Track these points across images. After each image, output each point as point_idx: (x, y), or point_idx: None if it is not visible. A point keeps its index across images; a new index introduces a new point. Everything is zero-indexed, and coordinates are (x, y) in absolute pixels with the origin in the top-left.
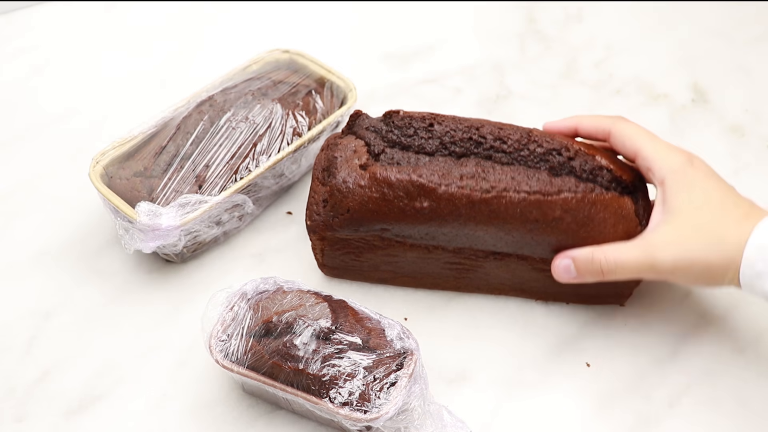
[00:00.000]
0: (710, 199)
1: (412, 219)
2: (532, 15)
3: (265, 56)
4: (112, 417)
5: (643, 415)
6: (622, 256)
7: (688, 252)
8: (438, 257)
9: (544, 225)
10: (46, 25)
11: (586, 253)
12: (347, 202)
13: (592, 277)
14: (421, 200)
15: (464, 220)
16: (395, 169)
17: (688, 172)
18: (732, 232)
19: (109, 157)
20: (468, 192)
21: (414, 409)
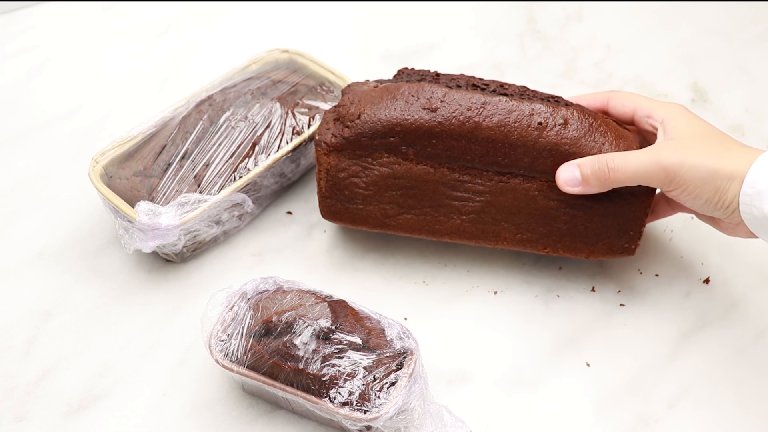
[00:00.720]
0: (711, 131)
1: (424, 122)
2: (532, 15)
3: (264, 56)
4: (112, 417)
5: (643, 415)
6: (628, 156)
7: (695, 155)
8: (444, 180)
9: (550, 129)
10: (46, 25)
11: (592, 157)
12: (358, 108)
13: (597, 181)
14: (432, 101)
15: (474, 123)
16: (406, 82)
17: (686, 112)
18: (736, 150)
19: (109, 156)
20: (479, 94)
21: (414, 409)
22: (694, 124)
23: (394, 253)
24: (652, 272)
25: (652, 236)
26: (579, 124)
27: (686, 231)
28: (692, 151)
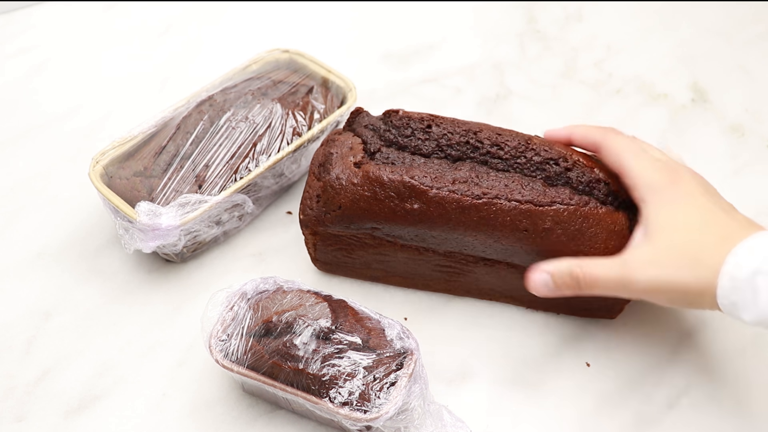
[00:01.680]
0: (690, 220)
1: (402, 220)
2: (532, 15)
3: (265, 56)
4: (112, 417)
5: (643, 415)
6: (600, 272)
7: (663, 273)
8: (428, 259)
9: (534, 235)
10: (46, 25)
11: (564, 267)
12: (339, 199)
13: (569, 291)
14: (412, 202)
15: (454, 225)
16: (389, 169)
17: (668, 191)
18: (708, 255)
19: (109, 156)
20: (459, 197)
21: (414, 408)
22: (673, 213)
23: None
24: None
25: None
26: (564, 229)
27: None
28: (660, 268)
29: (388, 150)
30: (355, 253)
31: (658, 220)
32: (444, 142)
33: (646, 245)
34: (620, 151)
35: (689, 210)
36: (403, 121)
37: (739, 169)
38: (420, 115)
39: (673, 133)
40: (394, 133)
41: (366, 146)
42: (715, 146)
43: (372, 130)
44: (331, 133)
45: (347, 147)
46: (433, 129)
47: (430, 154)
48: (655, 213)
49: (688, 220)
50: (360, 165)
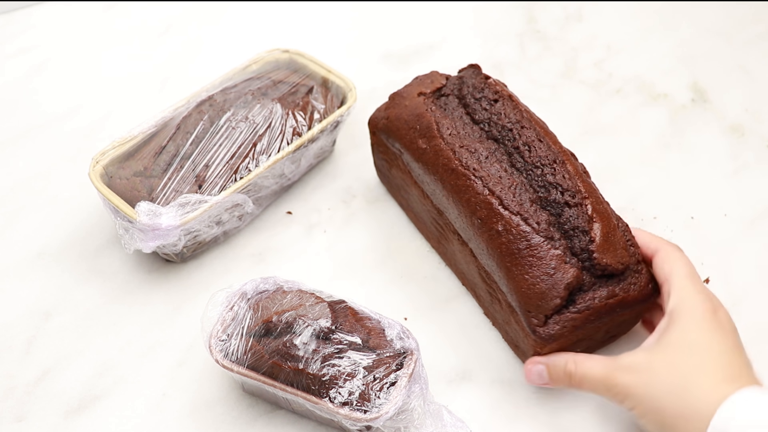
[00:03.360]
0: (703, 349)
1: (412, 152)
2: (532, 15)
3: (265, 56)
4: (112, 417)
5: None
6: (589, 371)
7: (647, 387)
8: (428, 208)
9: (484, 229)
10: (46, 25)
11: (560, 361)
12: (391, 111)
13: (562, 384)
14: (423, 141)
15: (437, 178)
16: (433, 108)
17: (697, 316)
18: (706, 391)
19: (109, 156)
20: (452, 157)
21: (414, 408)
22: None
23: (394, 254)
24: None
25: None
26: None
27: (686, 231)
28: (647, 383)
29: (454, 100)
30: (392, 171)
31: (672, 338)
32: (494, 120)
33: (645, 355)
34: (676, 260)
35: (707, 341)
36: (482, 85)
37: (739, 169)
38: (497, 89)
39: (673, 133)
40: (469, 90)
41: (443, 88)
42: (715, 146)
43: (461, 80)
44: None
45: (430, 80)
46: (496, 105)
47: (478, 122)
48: (673, 331)
49: (701, 349)
50: (421, 95)
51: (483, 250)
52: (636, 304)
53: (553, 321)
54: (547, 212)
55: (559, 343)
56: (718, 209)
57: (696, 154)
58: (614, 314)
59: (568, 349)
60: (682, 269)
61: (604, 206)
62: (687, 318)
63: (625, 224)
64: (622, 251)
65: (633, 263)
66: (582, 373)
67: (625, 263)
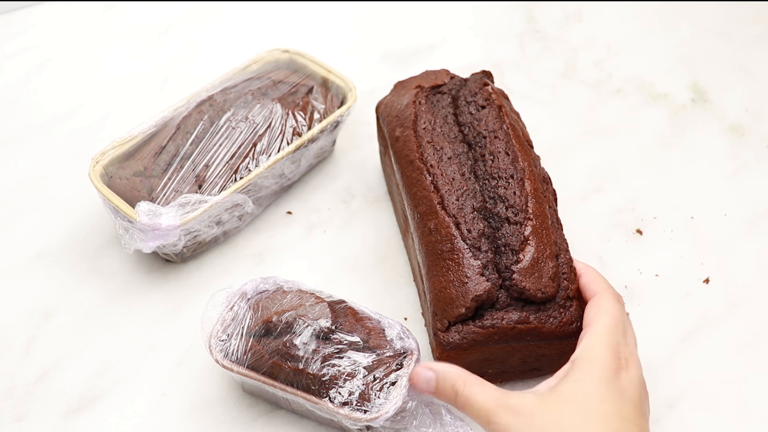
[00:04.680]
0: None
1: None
2: (532, 15)
3: (265, 56)
4: (112, 417)
5: None
6: (474, 396)
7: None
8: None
9: (421, 224)
10: (46, 25)
11: (451, 375)
12: (388, 98)
13: (446, 399)
14: (399, 129)
15: (399, 168)
16: (421, 102)
17: (599, 373)
18: None
19: (109, 156)
20: (413, 149)
21: (414, 408)
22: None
23: (394, 253)
24: (652, 272)
25: (653, 236)
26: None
27: (686, 231)
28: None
29: (447, 98)
30: (385, 158)
31: (568, 387)
32: (474, 125)
33: (534, 399)
34: (606, 309)
35: (600, 401)
36: (477, 90)
37: (739, 169)
38: (490, 96)
39: (673, 134)
40: (465, 92)
41: (442, 86)
42: (715, 146)
43: (462, 81)
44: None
45: (434, 76)
46: (482, 111)
47: (461, 125)
48: (570, 381)
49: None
50: (417, 88)
51: (416, 245)
52: (552, 339)
53: (455, 329)
54: (486, 224)
55: (459, 355)
56: (718, 209)
57: (696, 154)
58: (524, 341)
59: (472, 367)
60: (605, 319)
61: (547, 233)
62: (586, 370)
63: (569, 258)
64: (548, 281)
65: (560, 297)
66: (467, 397)
67: (547, 293)
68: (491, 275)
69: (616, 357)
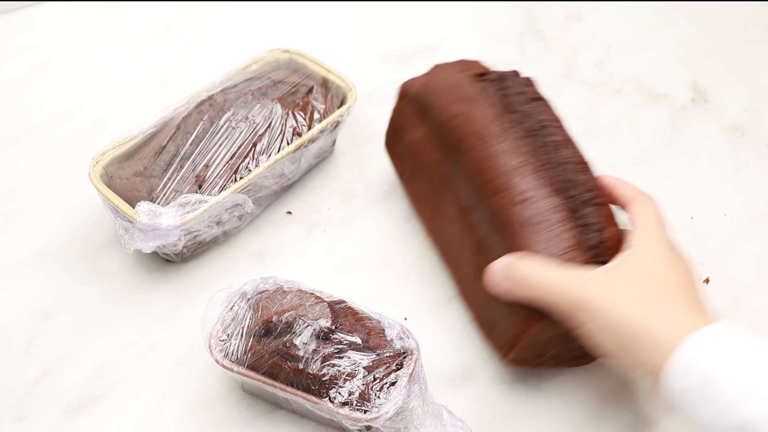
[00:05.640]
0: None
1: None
2: (532, 14)
3: (265, 56)
4: (111, 417)
5: (643, 415)
6: (543, 272)
7: (608, 300)
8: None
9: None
10: (46, 25)
11: (508, 260)
12: (428, 78)
13: (506, 285)
14: (457, 106)
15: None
16: (473, 84)
17: (662, 251)
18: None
19: (109, 156)
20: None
21: (414, 408)
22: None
23: (394, 253)
24: None
25: None
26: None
27: (686, 231)
28: (613, 292)
29: (493, 85)
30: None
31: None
32: (529, 112)
33: (606, 271)
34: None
35: (673, 274)
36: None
37: (739, 169)
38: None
39: (673, 134)
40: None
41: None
42: (715, 146)
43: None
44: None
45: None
46: (533, 103)
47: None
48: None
49: (667, 279)
50: (462, 72)
51: (493, 220)
52: None
53: None
54: (565, 204)
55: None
56: (718, 209)
57: (696, 154)
58: None
59: (537, 344)
60: (649, 215)
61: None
62: (649, 249)
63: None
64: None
65: None
66: (532, 277)
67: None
68: (585, 253)
69: (669, 240)
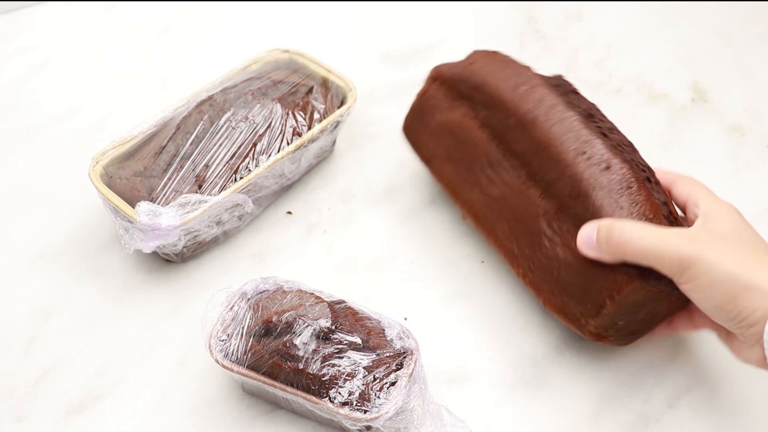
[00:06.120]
0: (753, 239)
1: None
2: (531, 14)
3: (265, 56)
4: (112, 417)
5: (643, 415)
6: (646, 230)
7: (719, 252)
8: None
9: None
10: (46, 25)
11: (611, 220)
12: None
13: (607, 246)
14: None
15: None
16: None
17: (736, 214)
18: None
19: (109, 156)
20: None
21: (414, 408)
22: (737, 226)
23: (394, 253)
24: None
25: None
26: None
27: None
28: (717, 249)
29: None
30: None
31: (720, 222)
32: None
33: (701, 229)
34: (695, 183)
35: (750, 233)
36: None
37: (739, 169)
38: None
39: (673, 133)
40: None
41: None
42: (715, 146)
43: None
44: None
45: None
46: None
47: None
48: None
49: (751, 238)
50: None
51: (574, 187)
52: None
53: None
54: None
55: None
56: None
57: (696, 154)
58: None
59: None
60: (700, 187)
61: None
62: (725, 215)
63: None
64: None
65: None
66: (638, 237)
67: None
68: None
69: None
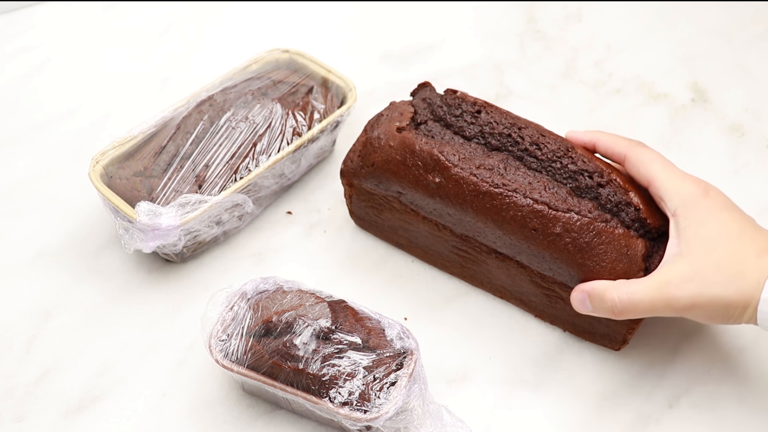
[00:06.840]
0: (726, 232)
1: (423, 189)
2: (532, 14)
3: (265, 56)
4: (112, 417)
5: (643, 415)
6: (636, 296)
7: (707, 289)
8: (446, 238)
9: (542, 237)
10: (46, 25)
11: (599, 290)
12: (374, 157)
13: (604, 314)
14: (434, 175)
15: (467, 206)
16: (423, 140)
17: (701, 202)
18: (751, 268)
19: (109, 156)
20: (478, 180)
21: (414, 408)
22: (708, 226)
23: (394, 254)
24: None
25: None
26: (573, 239)
27: None
28: (703, 284)
29: (435, 125)
30: (383, 215)
31: (691, 232)
32: (487, 130)
33: (683, 260)
34: (648, 162)
35: (724, 222)
36: (456, 102)
37: (739, 169)
38: (475, 100)
39: (672, 134)
40: (445, 110)
41: (415, 116)
42: (715, 146)
43: (427, 103)
44: (394, 101)
45: (398, 113)
46: (481, 115)
47: (472, 138)
48: (689, 225)
49: (724, 232)
50: (401, 131)
51: (543, 257)
52: None
53: None
54: (587, 198)
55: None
56: None
57: (696, 154)
58: None
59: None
60: (656, 164)
61: (624, 175)
62: (693, 210)
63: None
64: (655, 207)
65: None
66: (630, 300)
67: (664, 217)
68: (634, 233)
69: (693, 184)
